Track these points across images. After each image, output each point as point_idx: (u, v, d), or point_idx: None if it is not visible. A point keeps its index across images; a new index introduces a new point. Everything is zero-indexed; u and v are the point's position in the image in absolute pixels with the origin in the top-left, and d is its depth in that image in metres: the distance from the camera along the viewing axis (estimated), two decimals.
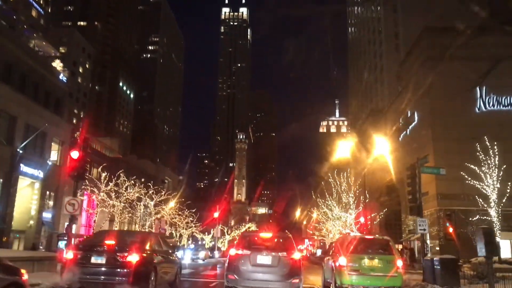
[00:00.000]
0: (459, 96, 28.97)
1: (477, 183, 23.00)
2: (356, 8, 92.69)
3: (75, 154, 13.83)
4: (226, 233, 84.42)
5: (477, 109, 32.33)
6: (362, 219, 31.48)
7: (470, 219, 26.65)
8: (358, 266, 10.82)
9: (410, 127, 37.15)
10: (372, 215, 35.05)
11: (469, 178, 23.57)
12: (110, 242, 9.54)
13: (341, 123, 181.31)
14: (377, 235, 13.12)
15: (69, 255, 9.11)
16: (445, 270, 12.74)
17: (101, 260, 8.79)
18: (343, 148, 50.96)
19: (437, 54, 29.13)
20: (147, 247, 9.79)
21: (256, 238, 11.50)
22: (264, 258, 10.18)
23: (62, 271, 9.41)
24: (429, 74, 29.88)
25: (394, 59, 62.62)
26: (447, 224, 23.79)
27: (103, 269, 8.79)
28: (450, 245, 26.36)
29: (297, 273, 10.05)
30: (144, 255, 9.25)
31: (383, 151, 33.70)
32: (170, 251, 11.95)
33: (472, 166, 23.23)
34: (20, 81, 38.08)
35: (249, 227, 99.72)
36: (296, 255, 10.38)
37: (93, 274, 8.77)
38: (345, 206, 37.72)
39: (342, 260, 11.00)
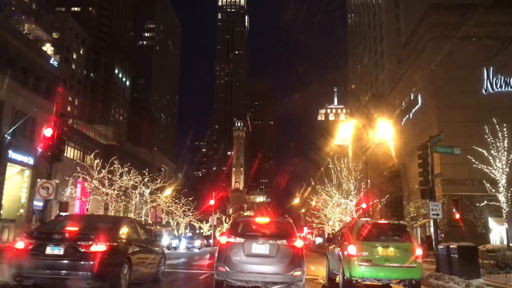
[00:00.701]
0: (466, 77, 27.74)
1: (485, 167, 21.87)
2: None
3: (48, 132, 12.48)
4: (224, 221, 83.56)
5: (484, 90, 31.04)
6: (364, 205, 30.37)
7: (477, 204, 25.63)
8: (370, 256, 9.39)
9: (413, 110, 35.92)
10: (375, 201, 33.98)
11: (476, 162, 22.45)
12: (71, 228, 8.01)
13: (339, 111, 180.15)
14: (394, 219, 11.59)
15: (18, 244, 7.40)
16: (464, 259, 11.45)
17: (58, 250, 7.23)
18: (343, 133, 49.83)
19: (443, 33, 27.79)
20: (120, 234, 8.35)
21: (251, 224, 9.80)
22: (260, 247, 8.73)
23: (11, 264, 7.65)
24: (434, 54, 28.58)
25: (395, 42, 61.30)
26: (453, 210, 22.65)
27: (60, 261, 7.22)
28: (455, 232, 25.40)
29: (299, 264, 8.64)
30: (114, 244, 7.79)
31: (385, 136, 32.61)
32: (152, 240, 10.54)
33: (480, 149, 22.07)
34: (7, 65, 36.64)
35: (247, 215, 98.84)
36: (298, 243, 8.91)
37: (47, 268, 7.20)
38: (346, 192, 36.69)
39: (352, 249, 9.53)
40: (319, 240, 70.00)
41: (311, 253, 35.78)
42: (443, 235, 28.08)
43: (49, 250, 7.23)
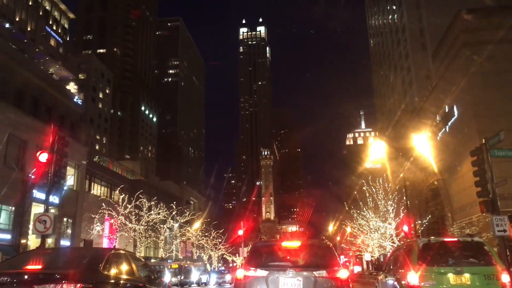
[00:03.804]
0: (507, 83, 25.63)
1: None
2: (375, 9, 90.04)
3: (43, 157, 11.21)
4: None
5: None
6: (405, 228, 28.02)
7: None
8: (439, 286, 7.20)
9: (449, 123, 33.75)
10: (416, 222, 31.50)
11: None
12: (32, 267, 6.00)
13: (367, 134, 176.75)
14: (465, 236, 9.25)
15: None
16: None
17: None
18: (374, 155, 47.70)
19: (476, 38, 26.11)
20: (101, 272, 6.13)
21: (276, 250, 7.38)
22: (290, 282, 6.51)
23: None
24: (468, 61, 26.72)
25: (422, 57, 59.42)
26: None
27: None
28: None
29: None
30: (90, 286, 5.59)
31: (421, 152, 30.48)
32: (153, 277, 8.05)
33: None
34: (32, 104, 36.93)
35: None
36: (343, 273, 6.75)
37: None
38: (383, 216, 34.41)
39: (413, 277, 7.29)
40: (357, 268, 66.50)
41: (352, 284, 33.28)
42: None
43: None
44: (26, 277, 5.53)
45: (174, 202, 49.19)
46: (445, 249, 7.89)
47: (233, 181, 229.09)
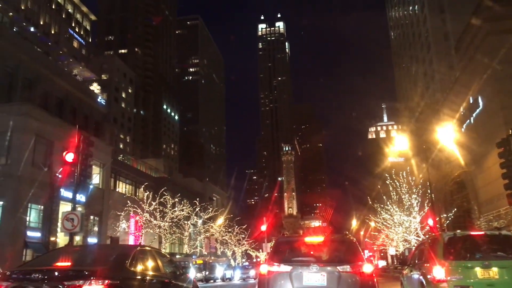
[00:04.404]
0: None
1: None
2: (395, 1, 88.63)
3: (69, 157, 11.51)
4: None
5: None
6: (430, 221, 27.63)
7: None
8: (466, 280, 7.01)
9: (474, 114, 33.05)
10: (442, 215, 31.03)
11: None
12: (61, 264, 6.22)
13: (390, 127, 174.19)
14: (493, 229, 8.98)
15: None
16: None
17: None
18: (397, 149, 47.12)
19: (501, 26, 25.46)
20: (128, 268, 6.26)
21: (299, 246, 7.43)
22: (314, 277, 6.49)
23: None
24: (493, 50, 26.08)
25: (444, 48, 58.30)
26: None
27: None
28: None
29: None
30: (117, 282, 5.75)
31: (444, 144, 29.97)
32: (178, 273, 8.24)
33: None
34: (58, 106, 37.91)
35: None
36: (367, 268, 6.66)
37: None
38: (407, 210, 34.02)
39: (439, 272, 7.12)
40: (382, 263, 65.99)
41: (377, 278, 33.05)
42: None
43: None
44: (56, 273, 5.71)
45: (197, 199, 49.77)
46: (472, 243, 7.74)
47: (254, 177, 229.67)
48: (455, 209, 33.47)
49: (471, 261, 7.22)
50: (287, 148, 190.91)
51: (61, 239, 31.18)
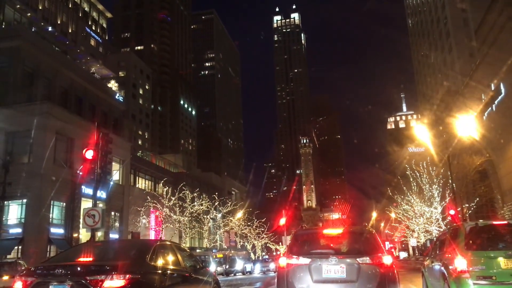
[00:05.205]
0: None
1: None
2: None
3: (89, 154, 11.68)
4: None
5: None
6: (452, 212, 27.18)
7: None
8: (489, 270, 6.79)
9: (496, 101, 32.18)
10: (464, 205, 30.48)
11: None
12: (84, 259, 6.37)
13: (409, 117, 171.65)
14: None
15: (17, 285, 5.80)
16: None
17: None
18: (417, 138, 46.43)
19: None
20: (149, 262, 6.36)
21: (318, 238, 7.42)
22: (333, 269, 6.46)
23: None
24: None
25: (464, 34, 57.01)
26: None
27: None
28: None
29: None
30: (138, 276, 5.84)
31: (466, 133, 29.33)
32: (198, 266, 8.32)
33: None
34: (77, 103, 38.48)
35: None
36: (387, 260, 6.57)
37: None
38: (428, 200, 33.55)
39: (461, 262, 6.95)
40: (403, 254, 65.41)
41: (398, 270, 32.76)
42: None
43: None
44: (79, 269, 5.83)
45: (216, 193, 50.05)
46: (494, 233, 7.55)
47: (273, 171, 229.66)
48: (477, 199, 32.82)
49: (493, 251, 7.04)
50: (304, 141, 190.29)
51: (84, 235, 31.76)
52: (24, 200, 29.89)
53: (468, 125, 28.59)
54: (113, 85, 49.42)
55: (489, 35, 32.86)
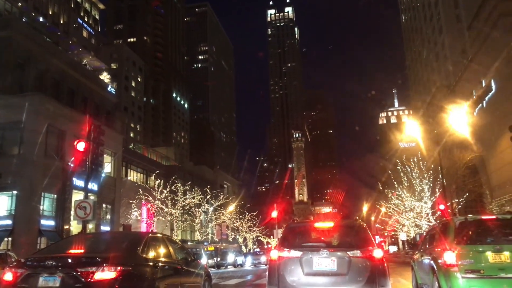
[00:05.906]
0: None
1: None
2: None
3: (80, 146, 11.66)
4: None
5: None
6: (442, 207, 27.49)
7: None
8: (477, 264, 6.87)
9: (486, 98, 32.59)
10: (453, 200, 30.85)
11: None
12: (75, 251, 6.32)
13: (401, 112, 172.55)
14: (504, 213, 8.81)
15: (7, 276, 5.71)
16: None
17: (54, 281, 5.53)
18: (408, 134, 46.76)
19: None
20: (140, 255, 6.33)
21: (309, 231, 7.46)
22: (324, 262, 6.51)
23: None
24: (506, 32, 25.57)
25: (456, 30, 57.28)
26: None
27: None
28: None
29: (381, 282, 6.42)
30: (129, 268, 5.82)
31: (457, 128, 29.65)
32: (190, 259, 8.34)
33: None
34: (69, 95, 38.21)
35: None
36: (377, 253, 6.64)
37: None
38: (418, 195, 33.88)
39: (450, 256, 7.03)
40: (393, 248, 66.05)
41: (388, 263, 33.12)
42: None
43: (42, 281, 5.59)
44: (70, 260, 5.83)
45: (208, 186, 50.08)
46: (483, 227, 7.60)
47: (265, 165, 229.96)
48: (467, 194, 33.23)
49: (482, 245, 7.11)
50: (297, 135, 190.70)
51: (75, 227, 31.70)
52: (15, 192, 29.66)
53: (458, 121, 28.90)
54: (105, 77, 49.08)
55: (481, 32, 33.15)
